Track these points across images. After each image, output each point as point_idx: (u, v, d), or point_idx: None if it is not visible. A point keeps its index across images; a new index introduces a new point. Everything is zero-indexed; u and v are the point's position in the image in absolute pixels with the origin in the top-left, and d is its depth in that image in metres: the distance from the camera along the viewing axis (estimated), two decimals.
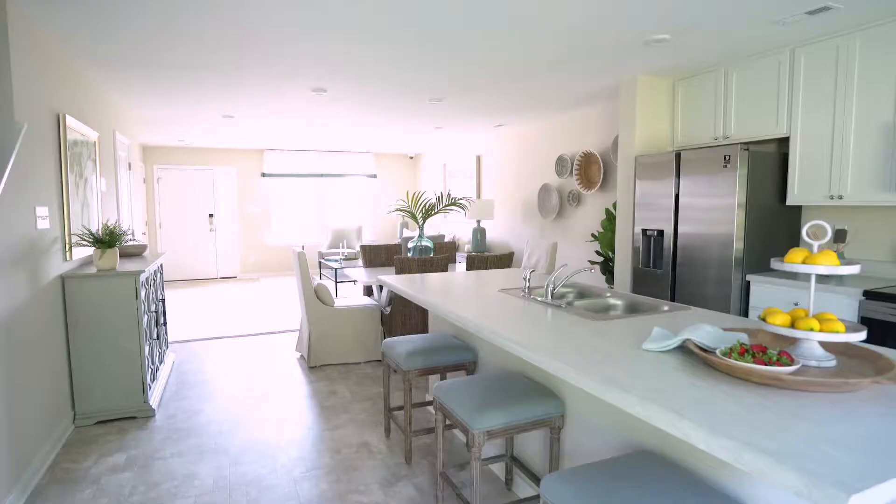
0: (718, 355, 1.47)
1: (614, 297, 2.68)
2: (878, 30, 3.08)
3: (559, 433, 2.15)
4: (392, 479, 2.71)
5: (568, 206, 6.19)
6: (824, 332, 1.44)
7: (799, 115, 3.50)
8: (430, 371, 2.78)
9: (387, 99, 5.25)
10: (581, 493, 1.43)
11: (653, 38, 3.37)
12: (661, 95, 4.41)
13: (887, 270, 3.36)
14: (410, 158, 10.95)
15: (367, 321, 4.65)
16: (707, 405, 1.25)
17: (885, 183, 3.08)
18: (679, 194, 3.84)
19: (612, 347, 1.74)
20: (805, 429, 1.12)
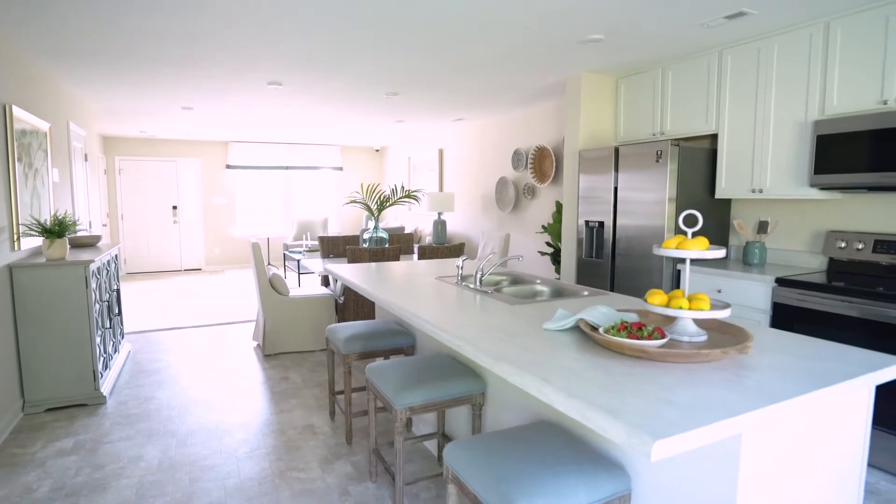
0: (600, 332, 1.64)
1: (542, 284, 2.85)
2: (792, 35, 3.29)
3: (480, 409, 2.31)
4: (331, 458, 2.84)
5: (524, 199, 6.37)
6: (692, 310, 1.61)
7: (726, 113, 3.71)
8: (369, 355, 2.91)
9: (344, 93, 5.33)
10: (473, 457, 1.58)
11: (588, 37, 3.54)
12: (605, 92, 4.59)
13: (804, 259, 3.60)
14: (376, 151, 11.02)
15: (321, 310, 4.76)
16: (577, 374, 1.41)
17: (799, 178, 3.31)
18: (618, 188, 4.03)
19: (518, 327, 1.89)
20: (651, 391, 1.28)
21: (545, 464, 1.52)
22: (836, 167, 3.06)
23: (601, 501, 1.49)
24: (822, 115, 3.17)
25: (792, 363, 1.49)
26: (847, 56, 3.04)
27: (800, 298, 3.03)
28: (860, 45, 2.98)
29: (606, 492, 1.49)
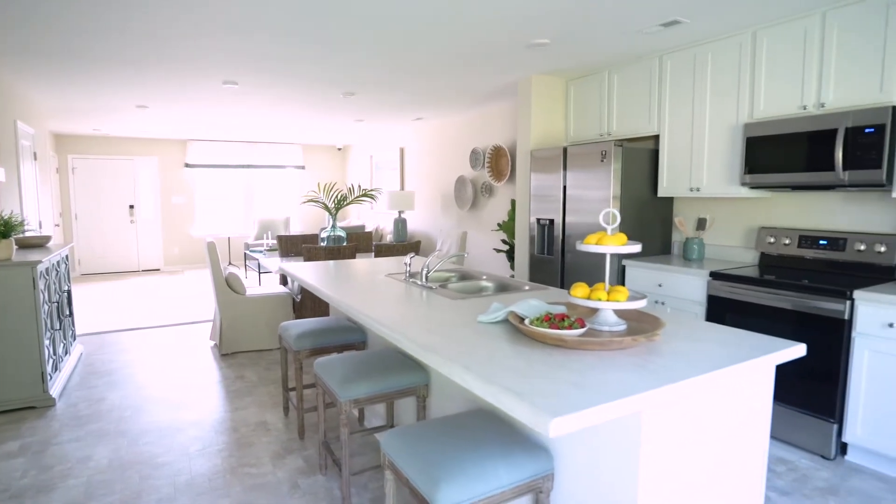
0: (526, 324, 1.74)
1: (488, 280, 2.96)
2: (724, 42, 3.49)
3: (425, 401, 2.40)
4: (283, 453, 2.89)
5: (481, 197, 6.49)
6: (610, 301, 1.73)
7: (666, 115, 3.89)
8: (319, 351, 2.97)
9: (300, 93, 5.34)
10: (407, 444, 1.67)
11: (535, 42, 3.66)
12: (556, 94, 4.74)
13: (738, 254, 3.81)
14: (339, 150, 11.00)
15: (278, 309, 4.77)
16: (499, 362, 1.51)
17: (732, 178, 3.51)
18: (566, 186, 4.18)
19: (454, 321, 1.99)
20: (563, 376, 1.39)
21: (472, 448, 1.62)
22: (763, 168, 3.26)
23: (523, 481, 1.60)
24: (751, 119, 3.37)
25: (696, 348, 1.63)
26: (772, 63, 3.24)
27: (731, 291, 3.22)
28: (783, 53, 3.18)
29: (528, 472, 1.60)
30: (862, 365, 2.69)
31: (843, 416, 2.78)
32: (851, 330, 2.72)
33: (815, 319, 2.83)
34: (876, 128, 2.75)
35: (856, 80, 2.88)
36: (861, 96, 2.86)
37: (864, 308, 2.66)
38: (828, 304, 2.78)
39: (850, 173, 2.86)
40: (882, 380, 2.62)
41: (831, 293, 2.76)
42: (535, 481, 1.63)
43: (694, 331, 1.84)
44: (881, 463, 2.70)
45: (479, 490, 1.51)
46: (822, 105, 3.02)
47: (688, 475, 1.52)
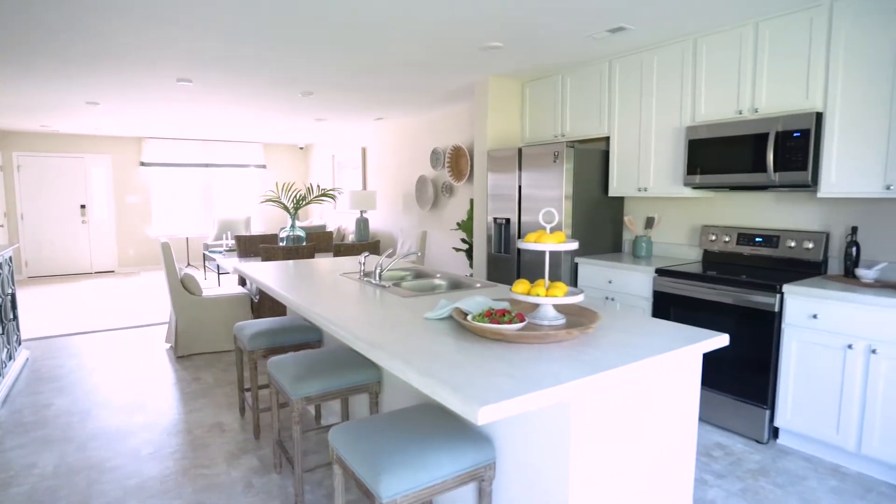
0: (469, 319, 1.81)
1: (442, 279, 3.02)
2: (668, 49, 3.64)
3: (377, 397, 2.44)
4: (238, 453, 2.89)
5: (442, 197, 6.56)
6: (549, 296, 1.81)
7: (616, 118, 4.03)
8: (274, 351, 2.98)
9: (258, 92, 5.29)
10: (353, 439, 1.71)
11: (488, 45, 3.74)
12: (512, 95, 4.84)
13: (684, 252, 3.99)
14: (301, 149, 10.89)
15: (236, 309, 4.73)
16: (439, 356, 1.57)
17: (676, 178, 3.67)
18: (521, 186, 4.28)
19: (403, 318, 2.04)
20: (499, 368, 1.46)
21: (417, 440, 1.68)
22: (704, 169, 3.42)
23: (465, 470, 1.66)
24: (692, 122, 3.53)
25: (628, 340, 1.73)
26: (711, 70, 3.41)
27: (674, 286, 3.37)
28: (721, 60, 3.35)
29: (470, 461, 1.67)
30: (790, 354, 2.86)
31: (774, 403, 2.95)
32: (781, 321, 2.90)
33: (749, 312, 3.00)
34: (802, 132, 2.93)
35: (785, 87, 3.06)
36: (790, 102, 3.04)
37: (791, 301, 2.84)
38: (760, 297, 2.95)
39: (781, 174, 3.03)
40: (808, 367, 2.80)
41: (763, 287, 2.93)
42: (478, 470, 1.69)
43: (629, 324, 1.94)
44: (808, 445, 2.89)
45: (422, 479, 1.57)
46: (755, 110, 3.19)
47: (619, 460, 1.61)
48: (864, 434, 2.62)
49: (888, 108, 2.68)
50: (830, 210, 3.21)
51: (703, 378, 3.24)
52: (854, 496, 2.49)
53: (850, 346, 2.63)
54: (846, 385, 2.66)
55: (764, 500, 2.46)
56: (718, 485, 2.58)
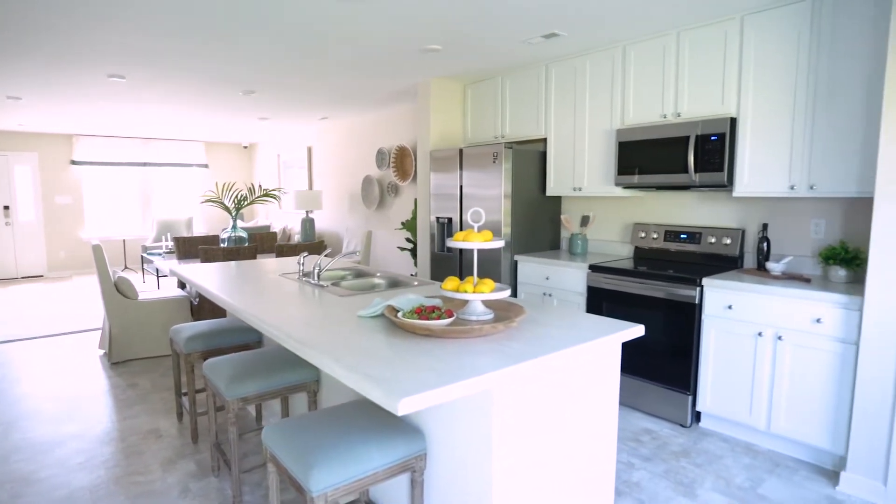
0: (399, 316, 1.87)
1: (381, 278, 3.07)
2: (600, 55, 3.81)
3: (315, 396, 2.46)
4: (175, 459, 2.84)
5: (388, 197, 6.59)
6: (476, 293, 1.89)
7: (552, 120, 4.18)
8: (212, 353, 2.94)
9: (196, 89, 5.17)
10: (285, 436, 1.74)
11: (427, 47, 3.81)
12: (454, 97, 4.93)
13: (617, 248, 4.18)
14: (245, 148, 10.65)
15: (175, 312, 4.61)
16: (368, 352, 1.62)
17: (608, 178, 3.84)
18: (463, 186, 4.37)
19: (338, 316, 2.08)
20: (424, 362, 1.53)
21: (349, 435, 1.72)
22: (633, 169, 3.60)
23: (396, 462, 1.72)
24: (622, 125, 3.71)
25: (551, 333, 1.83)
26: (638, 76, 3.59)
27: (606, 282, 3.54)
28: (647, 67, 3.54)
29: (401, 453, 1.73)
30: (709, 343, 3.07)
31: (696, 389, 3.16)
32: (701, 313, 3.10)
33: (674, 305, 3.19)
34: (719, 136, 3.14)
35: (704, 93, 3.26)
36: (708, 108, 3.25)
37: (710, 293, 3.05)
38: (682, 290, 3.14)
39: (701, 175, 3.24)
40: (724, 355, 3.01)
41: (684, 281, 3.13)
42: (409, 461, 1.75)
43: (554, 318, 2.05)
44: (726, 426, 3.10)
45: (352, 472, 1.62)
46: (678, 115, 3.39)
47: (542, 445, 1.71)
48: (773, 414, 2.84)
49: (791, 115, 2.92)
50: (745, 208, 3.46)
51: (633, 368, 3.42)
52: (763, 471, 2.70)
53: (760, 333, 2.85)
54: (757, 370, 2.88)
55: (684, 479, 2.63)
56: (644, 467, 2.74)
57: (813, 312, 2.66)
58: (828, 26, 2.76)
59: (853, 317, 2.53)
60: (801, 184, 2.91)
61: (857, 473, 2.49)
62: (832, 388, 2.63)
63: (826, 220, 3.11)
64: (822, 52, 2.79)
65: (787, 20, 2.90)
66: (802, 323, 2.70)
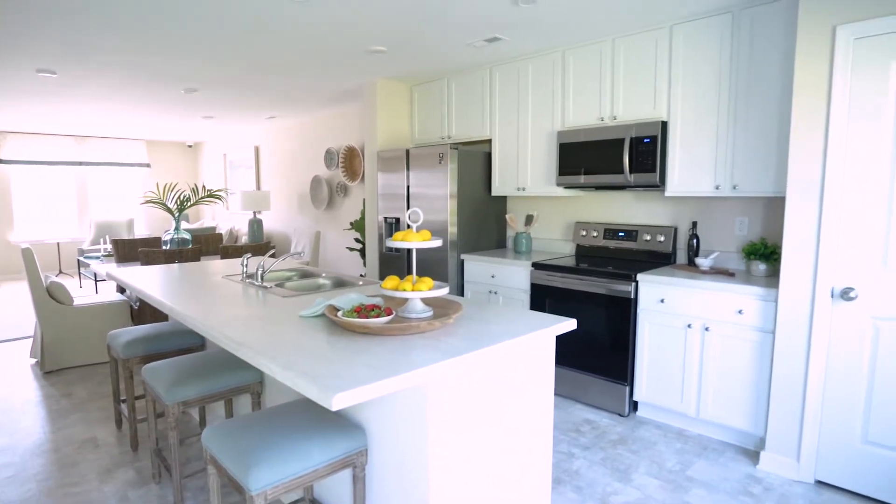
0: (339, 315, 1.90)
1: (326, 278, 3.07)
2: (541, 59, 3.93)
3: (259, 397, 2.45)
4: (113, 468, 2.76)
5: (337, 197, 6.56)
6: (414, 290, 1.94)
7: (497, 121, 4.28)
8: (152, 358, 2.87)
9: (134, 87, 4.99)
10: (225, 437, 1.74)
11: (373, 48, 3.83)
12: (401, 98, 4.96)
13: (560, 246, 4.32)
14: (189, 147, 10.33)
15: (114, 318, 4.45)
16: (306, 351, 1.64)
17: (550, 179, 3.97)
18: (410, 186, 4.42)
19: (279, 317, 2.08)
20: (361, 359, 1.56)
21: (289, 434, 1.74)
22: (573, 170, 3.73)
23: (337, 458, 1.75)
24: (563, 127, 3.84)
25: (488, 329, 1.90)
26: (578, 79, 3.73)
27: (549, 279, 3.66)
28: (586, 71, 3.68)
29: (342, 450, 1.76)
30: (644, 335, 3.23)
31: (633, 379, 3.32)
32: (637, 307, 3.26)
33: (612, 300, 3.34)
34: (651, 138, 3.31)
35: (637, 97, 3.43)
36: (641, 111, 3.42)
37: (644, 288, 3.20)
38: (619, 286, 3.29)
39: (635, 176, 3.40)
40: (657, 346, 3.18)
41: (621, 277, 3.28)
42: (350, 457, 1.79)
43: (491, 314, 2.12)
44: (660, 414, 3.27)
45: (292, 470, 1.63)
46: (614, 118, 3.55)
47: (478, 436, 1.78)
48: (702, 401, 3.02)
49: (715, 120, 3.11)
50: (677, 207, 3.65)
51: (576, 362, 3.55)
52: (693, 454, 2.87)
53: (690, 325, 3.02)
54: (687, 359, 3.06)
55: (620, 465, 2.77)
56: (584, 456, 2.86)
57: (736, 304, 2.85)
58: (746, 38, 2.95)
59: (770, 308, 2.73)
60: (725, 184, 3.10)
61: (775, 452, 2.69)
62: (753, 375, 2.82)
63: (749, 218, 3.33)
64: (741, 61, 2.98)
65: (711, 31, 3.09)
66: (727, 314, 2.89)
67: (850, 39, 2.34)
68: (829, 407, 2.53)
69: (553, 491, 2.53)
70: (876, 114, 2.31)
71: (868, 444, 2.43)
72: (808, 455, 2.58)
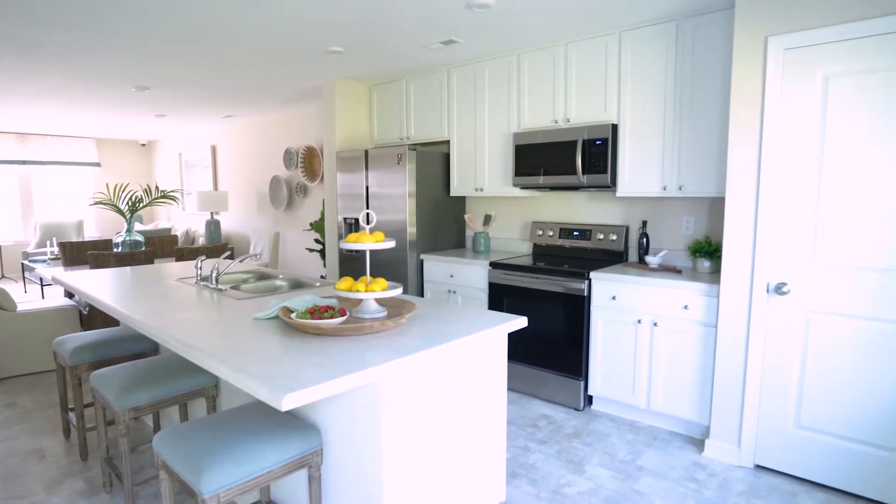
0: (293, 317, 1.91)
1: (283, 280, 3.06)
2: (497, 62, 4.00)
3: (214, 401, 2.43)
4: (61, 478, 2.68)
5: (297, 197, 6.49)
6: (368, 291, 1.97)
7: (455, 122, 4.33)
8: (102, 364, 2.80)
9: (81, 84, 4.82)
10: (176, 441, 1.73)
11: (330, 49, 3.83)
12: (360, 98, 4.96)
13: (517, 246, 4.41)
14: (143, 146, 10.02)
15: (61, 323, 4.30)
16: (258, 352, 1.64)
17: (507, 179, 4.04)
18: (369, 186, 4.42)
19: (233, 319, 2.07)
20: (313, 360, 1.58)
21: (242, 436, 1.74)
22: (528, 171, 3.81)
23: (292, 459, 1.76)
24: (518, 129, 3.92)
25: (438, 327, 1.94)
26: (532, 82, 3.81)
27: (506, 278, 3.73)
28: (540, 75, 3.77)
29: (296, 450, 1.77)
30: (597, 331, 3.33)
31: (587, 374, 3.42)
32: (590, 304, 3.36)
33: (567, 298, 3.43)
34: (602, 141, 3.42)
35: (589, 101, 3.53)
36: (593, 115, 3.52)
37: (597, 286, 3.31)
38: (573, 284, 3.39)
39: (588, 177, 3.50)
40: (610, 342, 3.29)
41: (574, 275, 3.38)
42: (305, 457, 1.80)
43: (446, 313, 2.16)
44: (613, 407, 3.39)
45: (246, 472, 1.64)
46: (568, 120, 3.65)
47: (432, 432, 1.82)
48: (652, 393, 3.15)
49: (662, 123, 3.24)
50: (628, 207, 3.78)
51: (533, 359, 3.63)
52: (643, 445, 2.99)
53: (640, 321, 3.14)
54: (638, 354, 3.18)
55: (575, 457, 2.86)
56: (540, 450, 2.94)
57: (682, 300, 2.98)
58: (689, 46, 3.09)
59: (713, 303, 2.87)
60: (671, 185, 3.23)
61: (718, 440, 2.83)
62: (698, 367, 2.96)
63: (695, 217, 3.48)
64: (685, 68, 3.12)
65: (657, 39, 3.21)
66: (674, 310, 3.01)
67: (781, 49, 2.48)
68: (766, 395, 2.67)
69: (509, 484, 2.59)
70: (804, 120, 2.47)
71: (800, 429, 2.59)
72: (748, 441, 2.73)
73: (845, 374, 2.45)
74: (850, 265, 2.41)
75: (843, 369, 2.46)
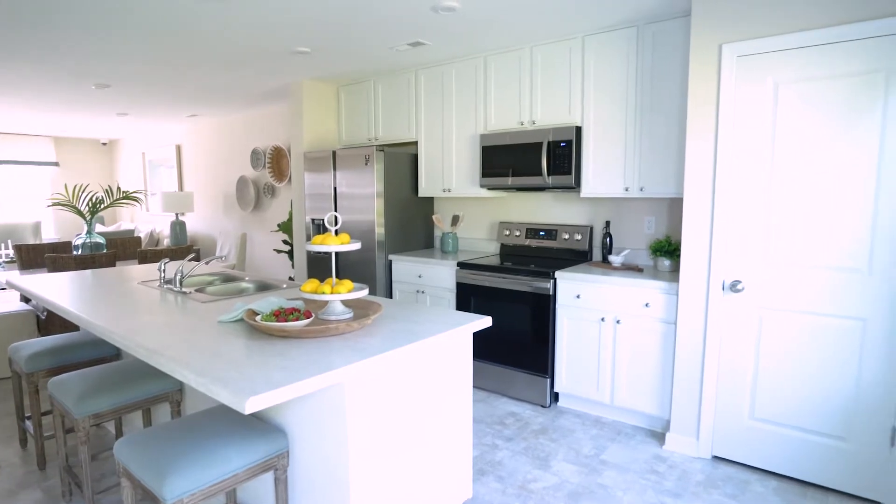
0: (258, 319, 1.90)
1: (249, 282, 3.03)
2: (464, 64, 4.04)
3: (178, 406, 2.40)
4: (16, 489, 2.61)
5: (264, 198, 6.42)
6: (333, 293, 1.98)
7: (422, 124, 4.36)
8: (60, 370, 2.73)
9: (37, 81, 4.67)
10: (138, 448, 1.71)
11: (297, 49, 3.80)
12: (328, 98, 4.94)
13: (485, 246, 4.46)
14: (104, 145, 9.74)
15: (17, 329, 4.16)
16: (221, 356, 1.64)
17: (474, 180, 4.09)
18: (337, 187, 4.41)
19: (197, 322, 2.05)
20: (276, 362, 1.59)
21: (207, 440, 1.73)
22: (495, 172, 3.86)
23: (257, 462, 1.76)
24: (485, 130, 3.97)
25: (404, 328, 1.96)
26: (499, 84, 3.87)
27: (473, 278, 3.77)
28: (506, 77, 3.82)
29: (262, 453, 1.77)
30: (563, 329, 3.41)
31: (553, 372, 3.49)
32: (555, 303, 3.43)
33: (533, 297, 3.49)
34: (567, 142, 3.49)
35: (554, 103, 3.60)
36: (558, 117, 3.59)
37: (562, 284, 3.38)
38: (539, 283, 3.45)
39: (553, 178, 3.57)
40: (575, 339, 3.36)
41: (540, 275, 3.44)
42: (270, 460, 1.80)
43: (412, 314, 2.19)
44: (579, 403, 3.47)
45: (210, 476, 1.63)
46: (533, 122, 3.71)
47: (399, 431, 1.84)
48: (616, 389, 3.23)
49: (624, 126, 3.32)
50: (592, 207, 3.86)
51: (501, 358, 3.68)
52: (607, 440, 3.07)
53: (603, 318, 3.22)
54: (601, 351, 3.26)
55: (541, 453, 2.92)
56: (507, 447, 2.99)
57: (643, 298, 3.07)
58: (649, 51, 3.18)
59: (673, 300, 2.96)
60: (633, 186, 3.32)
61: (678, 433, 2.93)
62: (659, 363, 3.05)
63: (656, 217, 3.58)
64: (645, 72, 3.21)
65: (619, 43, 3.30)
66: (635, 307, 3.10)
67: (734, 56, 2.58)
68: (723, 389, 2.78)
69: (476, 482, 2.63)
70: (757, 124, 2.57)
71: (754, 420, 2.70)
72: (706, 433, 2.83)
73: (796, 367, 2.57)
74: (799, 263, 2.52)
75: (794, 363, 2.57)
